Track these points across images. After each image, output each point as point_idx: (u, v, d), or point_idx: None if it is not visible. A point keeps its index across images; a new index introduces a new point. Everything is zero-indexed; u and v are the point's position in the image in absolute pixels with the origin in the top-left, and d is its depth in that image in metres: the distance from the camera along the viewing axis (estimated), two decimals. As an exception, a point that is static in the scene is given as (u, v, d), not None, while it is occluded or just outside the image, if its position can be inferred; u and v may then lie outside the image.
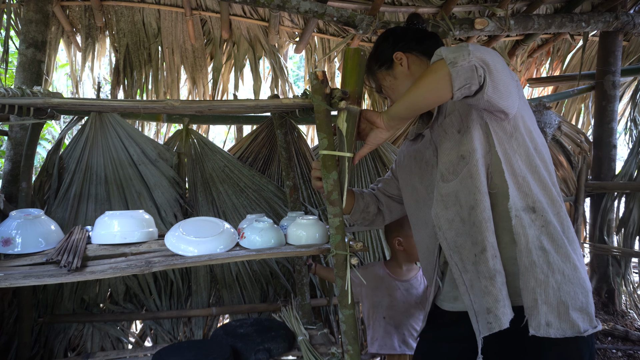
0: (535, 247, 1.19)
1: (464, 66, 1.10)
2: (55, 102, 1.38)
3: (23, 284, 1.23)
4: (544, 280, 1.17)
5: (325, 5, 2.31)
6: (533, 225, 1.21)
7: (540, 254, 1.19)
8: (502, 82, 1.14)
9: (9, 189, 2.19)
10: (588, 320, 1.18)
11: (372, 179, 2.88)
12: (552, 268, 1.18)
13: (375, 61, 1.52)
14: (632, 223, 3.10)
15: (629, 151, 3.27)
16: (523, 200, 1.22)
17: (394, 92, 1.50)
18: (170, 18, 2.92)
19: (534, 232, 1.20)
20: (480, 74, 1.11)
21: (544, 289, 1.16)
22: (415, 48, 1.46)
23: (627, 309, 3.33)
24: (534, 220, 1.21)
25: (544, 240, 1.20)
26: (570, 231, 1.25)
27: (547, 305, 1.16)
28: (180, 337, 2.51)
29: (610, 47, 3.12)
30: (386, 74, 1.49)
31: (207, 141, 2.62)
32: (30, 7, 2.26)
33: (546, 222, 1.22)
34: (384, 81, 1.51)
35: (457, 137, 1.29)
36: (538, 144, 1.29)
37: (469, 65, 1.10)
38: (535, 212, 1.22)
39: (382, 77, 1.51)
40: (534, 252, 1.19)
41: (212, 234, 1.55)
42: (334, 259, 1.43)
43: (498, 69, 1.13)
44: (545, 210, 1.22)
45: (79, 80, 3.06)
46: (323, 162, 1.40)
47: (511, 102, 1.18)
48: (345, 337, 1.43)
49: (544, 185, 1.25)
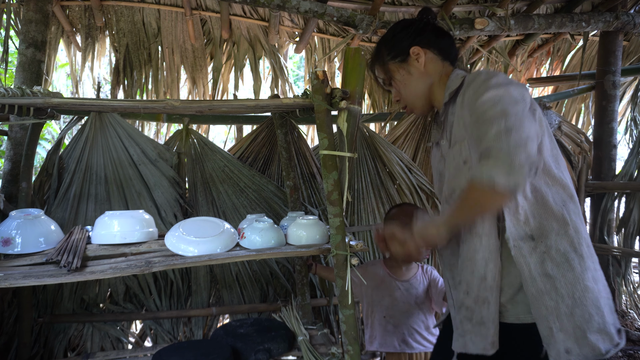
0: (539, 274, 1.17)
1: (520, 185, 1.07)
2: (55, 102, 1.38)
3: (23, 284, 1.23)
4: (555, 307, 1.15)
5: (325, 5, 2.31)
6: (534, 253, 1.19)
7: (546, 280, 1.17)
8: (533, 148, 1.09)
9: (9, 189, 2.19)
10: (608, 339, 1.15)
11: (372, 179, 2.88)
12: (560, 293, 1.16)
13: (388, 50, 1.42)
14: (632, 223, 3.10)
15: (629, 151, 3.27)
16: (521, 229, 1.20)
17: (405, 87, 1.41)
18: (170, 18, 2.92)
19: (535, 260, 1.18)
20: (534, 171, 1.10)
21: (556, 316, 1.15)
22: (434, 44, 1.39)
23: (627, 309, 3.33)
24: (534, 248, 1.19)
25: (548, 266, 1.18)
26: (582, 246, 1.20)
27: (563, 333, 1.14)
28: (180, 337, 2.51)
29: (610, 47, 3.11)
30: (399, 66, 1.40)
31: (207, 141, 2.62)
32: (30, 7, 2.26)
33: (548, 248, 1.19)
34: (395, 73, 1.41)
35: (462, 168, 1.26)
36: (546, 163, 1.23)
37: (524, 183, 1.08)
38: (535, 240, 1.19)
39: (394, 69, 1.41)
40: (538, 280, 1.17)
41: (212, 234, 1.55)
42: (334, 259, 1.43)
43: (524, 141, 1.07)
44: (546, 235, 1.19)
45: (78, 80, 3.06)
46: (323, 162, 1.40)
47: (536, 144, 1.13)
48: (346, 337, 1.43)
49: (545, 208, 1.21)
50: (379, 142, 2.88)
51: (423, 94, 1.40)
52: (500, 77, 1.19)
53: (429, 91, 1.40)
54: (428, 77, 1.38)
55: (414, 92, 1.40)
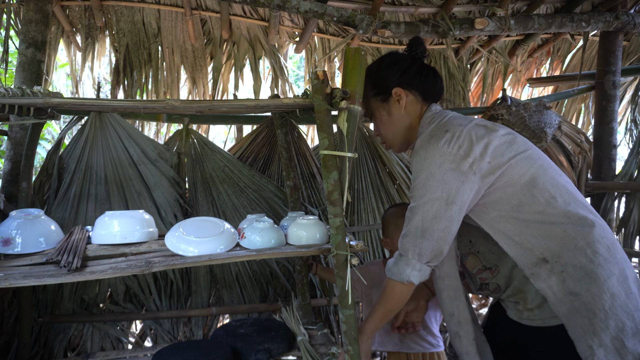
0: (564, 294, 1.17)
1: (424, 274, 1.32)
2: (55, 102, 1.38)
3: (23, 284, 1.23)
4: (589, 324, 1.14)
5: (325, 5, 2.31)
6: (552, 275, 1.18)
7: (573, 298, 1.16)
8: (443, 233, 1.27)
9: (9, 189, 2.19)
10: None
11: (372, 179, 2.88)
12: (590, 309, 1.15)
13: (372, 86, 1.46)
14: (632, 223, 3.10)
15: (629, 151, 3.27)
16: (530, 256, 1.20)
17: (384, 126, 1.48)
18: (170, 18, 2.91)
19: (555, 281, 1.18)
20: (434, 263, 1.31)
21: (593, 334, 1.14)
22: (417, 86, 1.43)
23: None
24: (551, 270, 1.18)
25: (570, 284, 1.17)
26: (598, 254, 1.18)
27: (603, 348, 1.13)
28: (180, 337, 2.51)
29: (610, 47, 3.11)
30: (381, 105, 1.46)
31: (207, 141, 2.62)
32: (30, 7, 2.26)
33: (564, 266, 1.18)
34: (376, 111, 1.48)
35: None
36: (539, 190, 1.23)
37: (427, 272, 1.32)
38: (549, 262, 1.19)
39: (375, 107, 1.48)
40: (565, 300, 1.17)
41: (212, 234, 1.55)
42: (334, 259, 1.43)
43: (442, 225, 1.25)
44: (558, 254, 1.19)
45: (79, 80, 3.06)
46: (323, 162, 1.40)
47: (458, 219, 1.28)
48: (346, 337, 1.43)
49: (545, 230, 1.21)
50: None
51: (401, 134, 1.46)
52: (436, 157, 1.25)
53: (406, 131, 1.46)
54: (407, 118, 1.44)
55: (392, 132, 1.47)
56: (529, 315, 1.28)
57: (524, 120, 2.88)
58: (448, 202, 1.22)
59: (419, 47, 1.48)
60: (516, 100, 3.10)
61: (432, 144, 1.27)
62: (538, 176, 1.25)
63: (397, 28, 2.48)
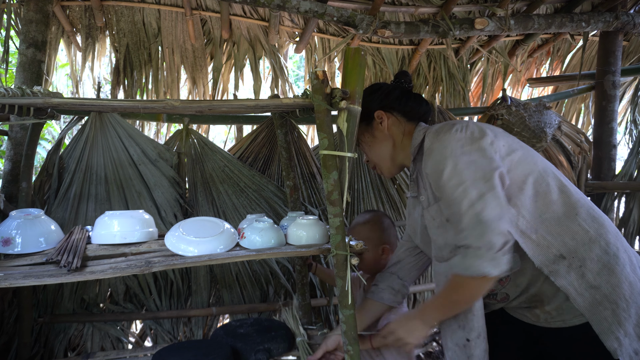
0: (585, 288, 1.18)
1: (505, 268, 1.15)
2: (56, 102, 1.38)
3: (23, 284, 1.23)
4: (613, 315, 1.16)
5: (326, 5, 2.31)
6: (571, 270, 1.19)
7: (594, 292, 1.17)
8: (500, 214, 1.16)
9: (9, 189, 2.19)
10: None
11: (372, 179, 2.88)
12: (612, 300, 1.16)
13: None
14: (632, 223, 3.10)
15: (629, 151, 3.27)
16: (547, 254, 1.20)
17: (371, 150, 1.51)
18: (170, 18, 2.92)
19: (575, 276, 1.18)
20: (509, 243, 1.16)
21: (618, 324, 1.15)
22: (398, 108, 1.47)
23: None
24: (569, 266, 1.19)
25: (590, 278, 1.18)
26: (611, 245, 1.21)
27: (628, 338, 1.14)
28: (180, 337, 2.51)
29: (610, 47, 3.11)
30: (365, 130, 1.50)
31: (207, 141, 2.62)
32: (31, 7, 2.26)
33: (582, 260, 1.19)
34: (361, 136, 1.51)
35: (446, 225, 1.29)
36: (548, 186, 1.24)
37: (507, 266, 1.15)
38: (566, 258, 1.19)
39: (360, 132, 1.51)
40: (587, 294, 1.17)
41: (212, 234, 1.55)
42: (334, 259, 1.43)
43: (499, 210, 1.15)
44: (575, 249, 1.20)
45: (79, 80, 3.06)
46: (323, 162, 1.40)
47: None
48: (346, 338, 1.43)
49: (561, 226, 1.21)
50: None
51: (388, 156, 1.48)
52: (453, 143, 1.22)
53: (393, 151, 1.48)
54: (390, 139, 1.46)
55: (379, 154, 1.50)
56: (547, 317, 1.27)
57: (524, 120, 2.88)
58: (486, 178, 1.16)
59: (404, 78, 1.54)
60: (516, 100, 3.10)
61: (444, 135, 1.26)
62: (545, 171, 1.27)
63: (397, 28, 2.48)
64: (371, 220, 1.96)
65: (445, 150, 1.22)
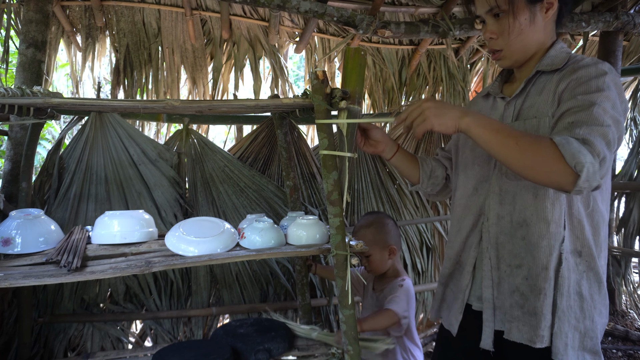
0: (574, 292, 1.18)
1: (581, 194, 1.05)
2: (56, 102, 1.38)
3: (23, 284, 1.23)
4: (575, 325, 1.17)
5: (326, 5, 2.31)
6: (576, 270, 1.19)
7: (577, 299, 1.18)
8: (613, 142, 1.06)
9: (9, 189, 2.19)
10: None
11: (372, 179, 2.88)
12: (584, 314, 1.18)
13: None
14: (632, 223, 3.10)
15: (629, 151, 3.27)
16: (573, 243, 1.19)
17: (519, 33, 1.22)
18: (170, 18, 2.92)
19: (575, 277, 1.18)
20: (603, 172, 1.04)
21: (572, 334, 1.17)
22: (562, 6, 1.24)
23: (627, 309, 3.33)
24: (577, 265, 1.19)
25: (583, 286, 1.19)
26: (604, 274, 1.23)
27: (572, 350, 1.16)
28: (180, 337, 2.51)
29: (610, 47, 3.11)
30: (526, 6, 1.20)
31: (207, 141, 2.62)
32: (31, 7, 2.26)
33: (588, 268, 1.19)
34: (520, 12, 1.19)
35: None
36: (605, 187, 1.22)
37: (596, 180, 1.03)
38: (581, 257, 1.19)
39: (518, 5, 1.20)
40: (572, 297, 1.18)
41: (212, 234, 1.55)
42: (334, 259, 1.43)
43: (612, 141, 1.05)
44: (592, 256, 1.19)
45: (79, 80, 3.06)
46: (323, 162, 1.40)
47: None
48: (346, 337, 1.43)
49: (595, 230, 1.20)
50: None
51: (529, 50, 1.25)
52: (613, 75, 1.12)
53: (535, 47, 1.25)
54: (542, 36, 1.24)
55: (522, 44, 1.23)
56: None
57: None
58: (620, 127, 1.09)
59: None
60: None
61: (605, 68, 1.14)
62: None
63: (397, 28, 2.49)
64: (375, 222, 1.97)
65: (607, 76, 1.10)
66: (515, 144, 1.05)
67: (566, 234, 1.17)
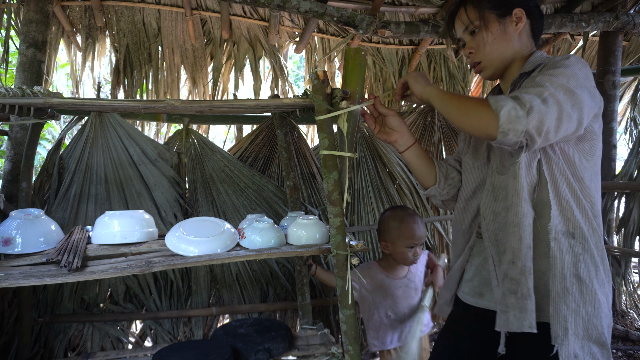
0: (571, 274, 1.16)
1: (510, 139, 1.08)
2: (56, 102, 1.38)
3: (23, 284, 1.23)
4: (576, 309, 1.14)
5: (326, 5, 2.31)
6: (571, 251, 1.18)
7: (575, 281, 1.16)
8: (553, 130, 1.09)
9: (9, 189, 2.19)
10: (607, 355, 1.16)
11: (372, 179, 2.88)
12: (584, 298, 1.16)
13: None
14: (632, 223, 3.10)
15: (629, 151, 3.27)
16: (564, 224, 1.19)
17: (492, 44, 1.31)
18: (170, 18, 2.92)
19: (570, 259, 1.17)
20: (524, 144, 1.09)
21: (574, 319, 1.14)
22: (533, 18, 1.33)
23: (627, 309, 3.33)
24: (572, 246, 1.18)
25: (581, 269, 1.17)
26: (606, 262, 1.22)
27: (575, 337, 1.14)
28: (180, 337, 2.51)
29: (610, 47, 3.11)
30: (496, 20, 1.30)
31: (207, 141, 2.62)
32: (31, 7, 2.26)
33: (584, 250, 1.18)
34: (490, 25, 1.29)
35: None
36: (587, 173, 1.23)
37: (515, 140, 1.08)
38: (575, 238, 1.19)
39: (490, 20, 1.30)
40: (568, 279, 1.16)
41: (212, 234, 1.56)
42: (334, 259, 1.43)
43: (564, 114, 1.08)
44: (586, 238, 1.19)
45: (79, 80, 3.06)
46: (323, 162, 1.40)
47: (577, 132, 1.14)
48: (346, 337, 1.43)
49: (586, 214, 1.21)
50: (379, 142, 2.88)
51: (505, 59, 1.33)
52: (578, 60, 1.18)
53: (511, 56, 1.33)
54: (516, 45, 1.32)
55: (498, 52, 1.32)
56: None
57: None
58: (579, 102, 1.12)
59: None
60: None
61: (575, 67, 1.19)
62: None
63: (397, 28, 2.49)
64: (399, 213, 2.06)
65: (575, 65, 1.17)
66: (458, 101, 1.23)
67: (554, 214, 1.18)
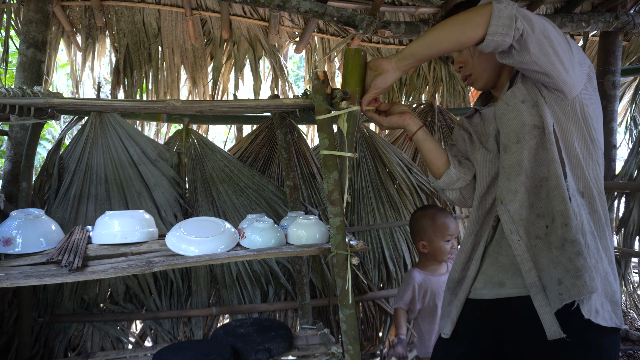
0: (588, 230, 1.17)
1: (506, 10, 1.10)
2: (56, 102, 1.39)
3: (24, 284, 1.24)
4: (595, 265, 1.14)
5: (326, 5, 2.31)
6: (583, 208, 1.19)
7: (591, 238, 1.16)
8: (550, 46, 1.11)
9: (9, 189, 2.19)
10: (620, 314, 1.17)
11: (372, 179, 2.88)
12: (600, 255, 1.16)
13: None
14: (632, 223, 3.10)
15: (629, 151, 3.27)
16: (576, 183, 1.20)
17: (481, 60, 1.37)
18: (170, 18, 2.92)
19: (585, 215, 1.18)
20: (520, 27, 1.09)
21: (594, 273, 1.12)
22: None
23: (627, 309, 3.34)
24: (583, 205, 1.19)
25: (593, 226, 1.19)
26: (609, 226, 1.23)
27: (595, 293, 1.12)
28: (180, 337, 2.51)
29: (610, 47, 3.11)
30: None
31: (207, 141, 2.62)
32: (31, 7, 2.26)
33: (593, 210, 1.20)
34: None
35: (520, 107, 1.24)
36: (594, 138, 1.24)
37: (510, 14, 1.10)
38: (584, 197, 1.20)
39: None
40: (588, 234, 1.16)
41: (213, 233, 1.56)
42: (334, 258, 1.43)
43: (546, 32, 1.11)
44: (594, 198, 1.20)
45: (79, 80, 3.06)
46: (323, 162, 1.40)
47: (565, 73, 1.15)
48: (346, 337, 1.43)
49: (595, 175, 1.23)
50: (379, 142, 2.88)
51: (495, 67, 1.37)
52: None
53: (500, 70, 1.37)
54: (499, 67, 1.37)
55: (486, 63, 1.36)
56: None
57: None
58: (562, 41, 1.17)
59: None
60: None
61: None
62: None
63: (397, 28, 2.49)
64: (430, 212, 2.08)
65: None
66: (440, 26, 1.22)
67: (568, 171, 1.19)
